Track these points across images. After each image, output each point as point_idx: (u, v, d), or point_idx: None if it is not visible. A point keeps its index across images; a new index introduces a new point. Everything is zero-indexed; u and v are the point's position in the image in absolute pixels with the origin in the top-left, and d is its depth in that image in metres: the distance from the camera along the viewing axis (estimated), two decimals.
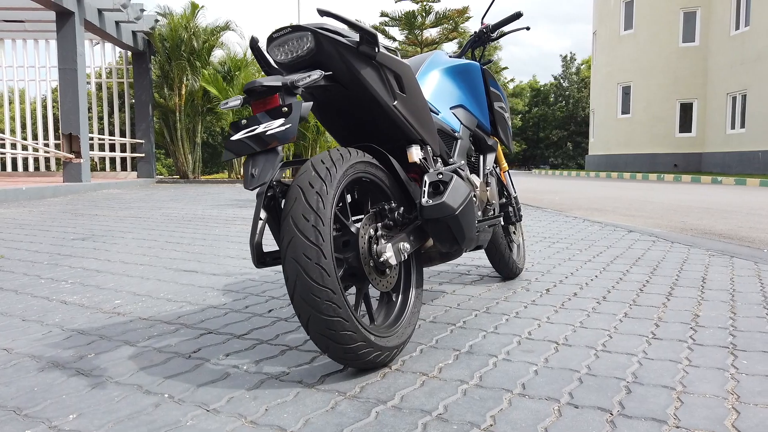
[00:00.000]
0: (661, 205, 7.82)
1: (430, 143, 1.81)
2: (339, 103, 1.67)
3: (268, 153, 1.31)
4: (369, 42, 1.52)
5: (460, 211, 1.63)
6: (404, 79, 1.67)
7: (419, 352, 1.68)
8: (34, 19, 11.35)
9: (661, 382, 1.45)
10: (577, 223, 5.04)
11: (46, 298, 2.31)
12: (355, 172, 1.53)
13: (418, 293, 1.74)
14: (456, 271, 2.89)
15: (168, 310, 2.13)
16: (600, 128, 26.75)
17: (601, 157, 26.57)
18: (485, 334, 1.85)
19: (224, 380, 1.45)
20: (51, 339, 1.79)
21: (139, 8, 11.51)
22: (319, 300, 1.32)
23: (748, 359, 1.62)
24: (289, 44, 1.49)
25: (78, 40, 9.56)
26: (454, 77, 2.18)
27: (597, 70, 27.50)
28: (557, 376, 1.49)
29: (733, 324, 1.96)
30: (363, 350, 1.42)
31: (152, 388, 1.40)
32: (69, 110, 9.63)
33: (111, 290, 2.43)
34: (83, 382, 1.44)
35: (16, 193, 7.55)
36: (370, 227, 1.56)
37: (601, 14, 26.78)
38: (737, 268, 2.96)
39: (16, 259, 3.18)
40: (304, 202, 1.35)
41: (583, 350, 1.70)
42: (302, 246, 1.32)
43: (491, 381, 1.46)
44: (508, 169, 2.66)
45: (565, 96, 52.32)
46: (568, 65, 52.82)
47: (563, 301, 2.27)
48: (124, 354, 1.65)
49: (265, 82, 1.34)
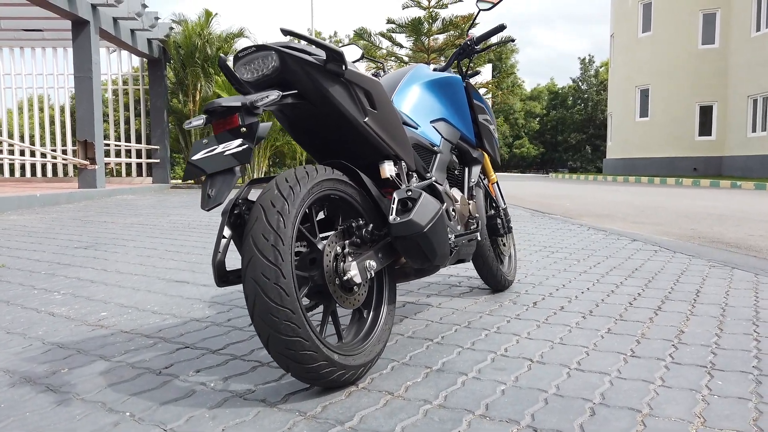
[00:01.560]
0: (673, 212, 7.71)
1: (404, 158, 1.80)
2: (310, 120, 1.67)
3: (226, 173, 1.32)
4: (335, 60, 1.53)
5: (428, 228, 1.62)
6: (375, 95, 1.67)
7: (390, 369, 1.67)
8: (52, 28, 11.57)
9: (627, 404, 1.43)
10: (581, 231, 4.99)
11: (35, 309, 2.34)
12: (321, 189, 1.53)
13: (390, 309, 1.74)
14: (447, 283, 2.88)
15: (151, 323, 2.15)
16: (618, 131, 26.46)
17: (618, 161, 26.27)
18: (461, 350, 1.83)
19: (188, 398, 1.46)
20: (30, 353, 1.81)
21: (153, 16, 11.67)
22: (277, 320, 1.32)
23: (724, 380, 1.59)
24: (255, 63, 1.50)
25: (93, 48, 9.72)
26: (436, 91, 2.17)
27: (614, 73, 27.22)
28: (523, 397, 1.47)
29: (717, 341, 1.92)
30: (325, 370, 1.42)
31: (116, 405, 1.41)
32: (84, 117, 9.79)
33: (99, 302, 2.46)
34: (50, 399, 1.45)
35: (30, 200, 7.68)
36: (336, 245, 1.56)
37: (618, 16, 26.52)
38: (735, 281, 2.90)
39: (16, 269, 3.24)
40: (265, 221, 1.36)
41: (556, 368, 1.67)
42: (261, 266, 1.33)
43: (455, 401, 1.44)
44: (497, 181, 2.64)
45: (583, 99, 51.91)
46: (586, 67, 52.43)
47: (548, 316, 2.24)
48: (97, 369, 1.67)
49: (224, 103, 1.35)
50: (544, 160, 53.82)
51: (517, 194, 12.59)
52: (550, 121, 53.27)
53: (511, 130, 52.81)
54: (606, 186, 17.21)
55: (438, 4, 6.54)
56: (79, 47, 9.69)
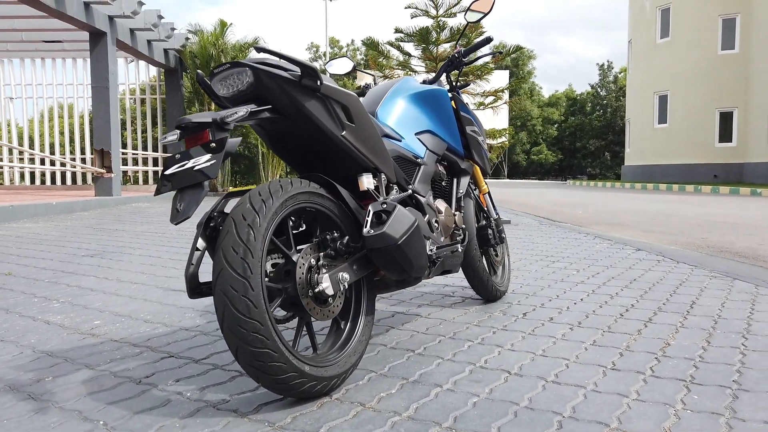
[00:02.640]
0: (686, 220, 7.61)
1: (383, 171, 1.82)
2: (289, 134, 1.70)
3: (194, 188, 1.35)
4: (310, 75, 1.55)
5: (403, 240, 1.63)
6: (351, 109, 1.69)
7: (367, 380, 1.69)
8: (71, 39, 11.82)
9: (597, 418, 1.42)
10: (586, 240, 4.96)
11: (32, 317, 2.40)
12: (296, 203, 1.55)
13: (367, 321, 1.75)
14: (441, 293, 2.88)
15: (141, 331, 2.19)
16: (636, 138, 26.19)
17: (637, 168, 25.99)
18: (440, 361, 1.84)
19: (163, 407, 1.49)
20: (19, 361, 1.86)
21: (169, 27, 11.87)
22: (245, 332, 1.35)
23: (701, 394, 1.58)
24: (231, 79, 1.53)
25: (110, 59, 9.91)
26: (421, 103, 2.19)
27: (632, 79, 26.98)
28: (494, 409, 1.47)
29: (702, 355, 1.91)
30: (295, 381, 1.43)
31: (91, 414, 1.45)
32: (101, 126, 9.97)
33: (95, 310, 2.51)
34: (29, 407, 1.49)
35: (46, 208, 7.84)
36: (311, 257, 1.58)
37: (636, 22, 26.31)
38: (734, 292, 2.87)
39: (21, 276, 3.31)
40: (235, 234, 1.38)
41: (532, 381, 1.67)
42: (230, 278, 1.35)
43: (425, 413, 1.45)
44: (488, 191, 2.65)
45: (602, 105, 51.52)
46: (605, 73, 52.06)
47: (535, 327, 2.24)
48: (80, 378, 1.70)
49: (194, 119, 1.38)
50: (563, 166, 53.47)
51: (531, 202, 12.53)
52: (568, 127, 52.95)
53: (528, 136, 52.55)
54: (623, 193, 17.04)
55: (446, 13, 6.55)
56: (96, 58, 9.88)
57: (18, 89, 14.20)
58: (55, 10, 8.40)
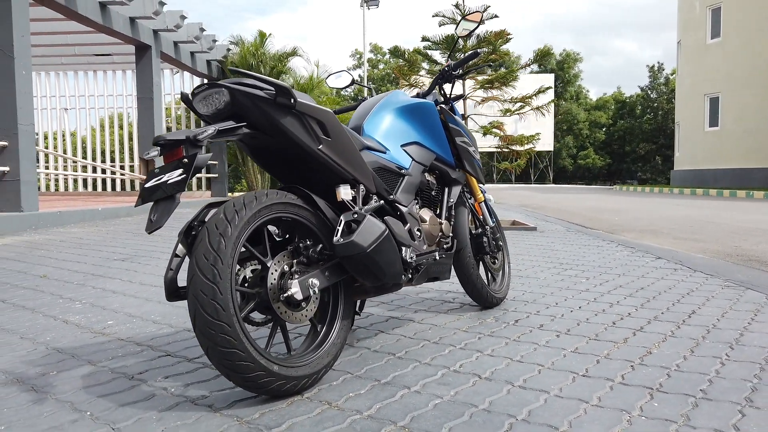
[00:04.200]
0: (724, 227, 7.39)
1: (362, 182, 1.91)
2: (269, 148, 1.81)
3: (167, 200, 1.48)
4: (284, 94, 1.66)
5: (372, 249, 1.72)
6: (327, 124, 1.79)
7: (341, 380, 1.78)
8: (120, 52, 12.38)
9: (549, 422, 1.47)
10: (608, 248, 4.91)
11: (53, 317, 2.59)
12: (271, 213, 1.66)
13: (344, 325, 1.84)
14: (441, 299, 2.95)
15: (147, 331, 2.35)
16: (686, 142, 25.40)
17: (687, 173, 25.17)
18: (417, 365, 1.91)
19: (146, 401, 1.62)
20: (32, 356, 2.03)
21: (211, 39, 12.29)
22: (214, 333, 1.46)
23: (663, 402, 1.60)
24: (210, 99, 1.65)
25: (154, 70, 10.35)
26: (407, 116, 2.27)
27: (682, 81, 26.20)
28: (451, 411, 1.54)
29: (680, 364, 1.92)
30: (264, 379, 1.54)
31: (81, 406, 1.59)
32: (145, 136, 10.42)
33: (111, 311, 2.69)
34: (29, 398, 1.65)
35: (92, 214, 8.25)
36: (284, 263, 1.68)
37: (685, 22, 25.55)
38: (741, 302, 2.82)
39: (54, 279, 3.55)
40: (207, 242, 1.50)
41: (499, 385, 1.73)
42: (200, 283, 1.47)
43: (385, 413, 1.53)
44: (484, 200, 2.70)
45: (653, 107, 50.10)
46: (655, 75, 50.60)
47: (522, 334, 2.28)
48: (81, 373, 1.86)
49: (168, 137, 1.51)
50: (611, 171, 52.23)
51: (569, 208, 12.35)
52: (617, 131, 51.72)
53: (575, 140, 51.58)
54: (669, 199, 16.57)
55: None
56: (141, 70, 10.34)
57: (72, 100, 14.95)
58: (102, 25, 8.85)
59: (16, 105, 6.80)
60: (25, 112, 6.97)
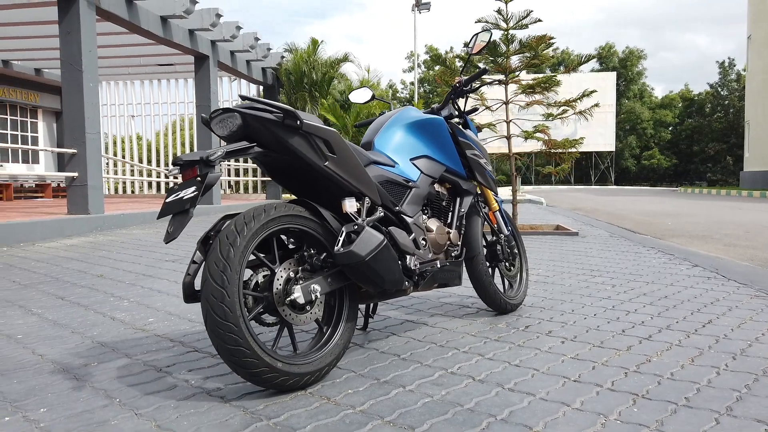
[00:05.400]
0: None
1: (367, 194, 2.06)
2: (281, 165, 1.99)
3: (182, 214, 1.67)
4: (290, 117, 1.83)
5: (371, 257, 1.86)
6: (332, 142, 1.95)
7: (344, 378, 1.93)
8: (182, 62, 13.03)
9: (526, 422, 1.58)
10: (646, 255, 4.86)
11: (102, 313, 2.87)
12: (279, 224, 1.84)
13: (348, 327, 2.00)
14: (460, 304, 3.05)
15: (181, 329, 2.58)
16: (756, 142, 24.22)
17: (758, 174, 24.01)
18: (417, 366, 2.04)
19: (168, 391, 1.82)
20: (78, 349, 2.29)
21: (266, 47, 12.75)
22: (222, 332, 1.65)
23: (643, 408, 1.67)
24: (224, 122, 1.84)
25: (212, 79, 10.86)
26: (417, 131, 2.40)
27: (752, 77, 24.99)
28: (437, 409, 1.67)
29: (676, 372, 1.96)
30: (268, 375, 1.71)
31: (113, 393, 1.81)
32: (203, 143, 10.93)
33: (154, 309, 2.95)
34: (70, 385, 1.89)
35: (153, 216, 8.75)
36: (290, 270, 1.85)
37: (756, 15, 24.36)
38: (764, 313, 2.80)
39: (109, 278, 3.88)
40: (218, 251, 1.69)
41: (489, 387, 1.84)
42: (211, 288, 1.66)
43: (376, 409, 1.68)
44: (498, 209, 2.80)
45: (723, 105, 47.81)
46: (726, 72, 48.26)
47: (528, 339, 2.37)
48: (117, 365, 2.09)
49: (185, 157, 1.71)
50: (678, 171, 50.21)
51: (622, 212, 12.09)
52: (684, 130, 49.71)
53: (638, 140, 49.88)
54: (734, 202, 15.89)
55: (517, 24, 6.62)
56: (200, 79, 10.87)
57: (138, 108, 15.82)
58: (163, 38, 9.37)
59: (84, 115, 7.33)
60: (92, 121, 7.49)
